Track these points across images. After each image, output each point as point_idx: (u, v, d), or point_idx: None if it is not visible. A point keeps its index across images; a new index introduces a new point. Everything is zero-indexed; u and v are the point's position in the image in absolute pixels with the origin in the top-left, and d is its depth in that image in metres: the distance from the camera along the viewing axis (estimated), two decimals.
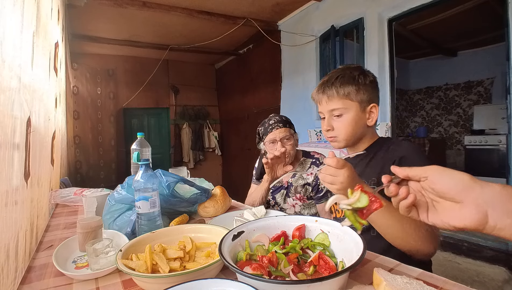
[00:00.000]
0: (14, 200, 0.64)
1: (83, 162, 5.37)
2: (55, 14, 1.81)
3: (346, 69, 0.95)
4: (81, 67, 5.28)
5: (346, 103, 0.91)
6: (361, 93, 0.91)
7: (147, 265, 0.61)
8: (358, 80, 0.91)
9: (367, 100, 0.92)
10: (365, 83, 0.92)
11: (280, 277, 0.54)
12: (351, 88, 0.90)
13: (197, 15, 3.82)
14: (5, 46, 0.58)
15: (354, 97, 0.91)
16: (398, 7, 2.87)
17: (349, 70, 0.94)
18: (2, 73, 0.56)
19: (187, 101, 6.43)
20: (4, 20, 0.59)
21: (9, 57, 0.61)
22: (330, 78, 0.94)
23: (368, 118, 0.94)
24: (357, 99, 0.91)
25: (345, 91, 0.91)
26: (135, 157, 1.16)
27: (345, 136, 0.93)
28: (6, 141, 0.57)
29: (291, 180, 1.45)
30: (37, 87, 1.00)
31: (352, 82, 0.91)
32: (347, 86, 0.91)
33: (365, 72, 0.94)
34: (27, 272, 0.71)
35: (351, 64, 0.99)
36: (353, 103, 0.91)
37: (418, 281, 0.50)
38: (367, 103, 0.92)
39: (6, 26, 0.60)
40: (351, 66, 0.97)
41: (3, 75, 0.56)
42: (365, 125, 0.94)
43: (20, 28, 0.73)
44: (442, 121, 5.77)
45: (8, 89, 0.60)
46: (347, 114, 0.92)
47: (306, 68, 3.92)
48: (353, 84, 0.90)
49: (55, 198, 1.44)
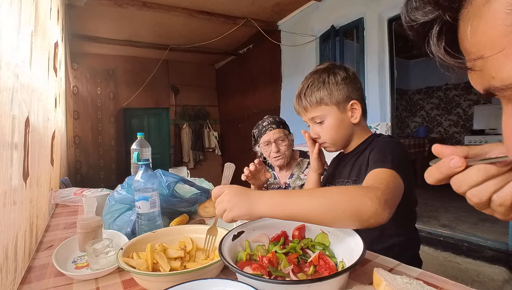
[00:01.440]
0: (13, 200, 0.64)
1: (83, 162, 5.37)
2: (55, 14, 1.81)
3: (315, 74, 0.92)
4: (81, 67, 5.28)
5: (323, 109, 0.89)
6: (335, 94, 0.87)
7: (148, 263, 0.61)
8: (329, 81, 0.88)
9: (344, 99, 0.88)
10: (337, 82, 0.88)
11: (280, 277, 0.54)
12: (323, 92, 0.88)
13: (197, 15, 3.82)
14: (2, 46, 0.58)
15: (329, 101, 0.88)
16: (398, 7, 2.85)
17: (318, 74, 0.91)
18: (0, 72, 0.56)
19: (187, 101, 6.43)
20: (0, 19, 0.59)
21: (6, 57, 0.61)
22: (302, 88, 0.92)
23: (351, 116, 0.90)
24: (333, 102, 0.88)
25: (317, 98, 0.88)
26: (135, 157, 1.16)
27: (332, 141, 0.91)
28: (4, 140, 0.57)
29: (289, 181, 1.44)
30: (35, 87, 1.00)
31: (323, 86, 0.88)
32: (318, 92, 0.88)
33: (335, 71, 0.90)
34: (27, 272, 0.71)
35: (320, 65, 0.95)
36: (329, 107, 0.88)
37: (418, 281, 0.50)
38: (345, 102, 0.88)
39: (2, 25, 0.60)
40: (320, 69, 0.93)
41: (0, 75, 0.56)
42: (351, 124, 0.91)
43: (17, 27, 0.73)
44: (442, 121, 5.77)
45: (6, 89, 0.60)
46: (327, 119, 0.90)
47: (306, 68, 3.92)
48: (323, 88, 0.88)
49: (55, 198, 1.44)
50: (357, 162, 0.90)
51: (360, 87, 0.92)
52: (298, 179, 1.43)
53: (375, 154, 0.80)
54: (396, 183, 0.67)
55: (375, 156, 0.79)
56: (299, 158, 1.47)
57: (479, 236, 2.38)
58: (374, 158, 0.78)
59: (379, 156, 0.77)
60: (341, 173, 0.97)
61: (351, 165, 0.92)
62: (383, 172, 0.70)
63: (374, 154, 0.81)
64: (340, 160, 1.02)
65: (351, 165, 0.92)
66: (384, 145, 0.83)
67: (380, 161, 0.74)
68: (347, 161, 0.95)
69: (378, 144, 0.85)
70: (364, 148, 0.90)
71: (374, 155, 0.80)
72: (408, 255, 0.89)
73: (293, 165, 1.45)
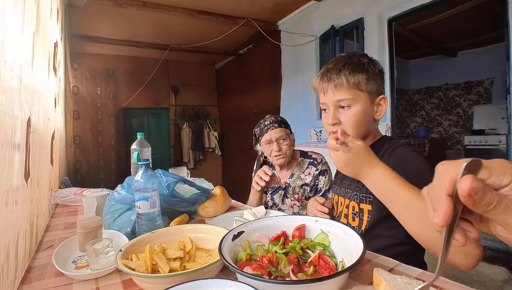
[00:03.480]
0: (15, 200, 0.64)
1: (83, 162, 5.37)
2: (54, 14, 1.80)
3: (353, 56, 0.84)
4: (81, 67, 5.28)
5: (356, 94, 0.81)
6: (371, 83, 0.81)
7: (147, 265, 0.61)
8: (368, 68, 0.82)
9: (377, 91, 0.83)
10: (375, 72, 0.82)
11: (280, 277, 0.54)
12: (361, 76, 0.80)
13: (197, 15, 3.82)
14: (6, 46, 0.58)
15: (364, 87, 0.81)
16: (398, 7, 2.87)
17: (356, 57, 0.84)
18: (4, 73, 0.56)
19: (187, 101, 6.43)
20: (6, 20, 0.59)
21: (11, 57, 0.61)
22: (336, 64, 0.83)
23: (376, 111, 0.85)
24: (367, 90, 0.81)
25: (355, 79, 0.80)
26: (135, 157, 1.16)
27: (353, 130, 0.82)
28: (7, 141, 0.57)
29: (289, 180, 1.44)
30: (36, 87, 1.00)
31: (362, 69, 0.81)
32: (357, 74, 0.80)
33: (374, 61, 0.86)
34: (27, 272, 0.71)
35: (356, 52, 0.90)
36: (363, 93, 0.81)
37: (418, 281, 0.50)
38: (376, 95, 0.83)
39: (8, 26, 0.60)
40: (357, 53, 0.87)
41: (4, 75, 0.56)
42: (373, 119, 0.86)
43: (21, 28, 0.73)
44: (442, 121, 5.77)
45: (10, 89, 0.60)
46: (356, 105, 0.81)
47: (306, 68, 3.93)
48: (363, 72, 0.81)
49: (55, 198, 1.44)
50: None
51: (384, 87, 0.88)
52: (298, 179, 1.43)
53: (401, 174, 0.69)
54: None
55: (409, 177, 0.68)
56: (299, 158, 1.47)
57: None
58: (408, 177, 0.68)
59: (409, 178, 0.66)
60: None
61: None
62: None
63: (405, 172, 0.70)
64: None
65: None
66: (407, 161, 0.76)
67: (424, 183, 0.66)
68: None
69: (401, 157, 0.77)
70: (376, 150, 0.82)
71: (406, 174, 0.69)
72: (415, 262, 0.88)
73: (294, 165, 1.45)
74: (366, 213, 0.82)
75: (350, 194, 0.88)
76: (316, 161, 1.43)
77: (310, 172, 1.41)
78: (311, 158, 1.45)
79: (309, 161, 1.44)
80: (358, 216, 0.85)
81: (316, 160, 1.43)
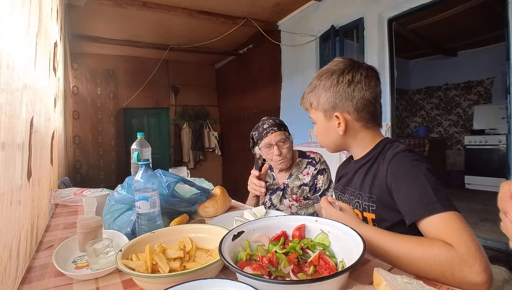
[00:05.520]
0: (18, 200, 0.64)
1: (83, 162, 5.37)
2: (54, 14, 1.80)
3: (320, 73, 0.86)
4: (81, 67, 5.28)
5: (313, 113, 0.89)
6: (322, 101, 0.84)
7: (147, 265, 0.61)
8: (319, 85, 0.84)
9: (329, 107, 0.82)
10: (326, 88, 0.82)
11: (280, 277, 0.54)
12: (312, 97, 0.87)
13: (197, 15, 3.82)
14: (14, 47, 0.58)
15: (316, 106, 0.86)
16: (398, 7, 2.87)
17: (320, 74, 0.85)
18: (12, 74, 0.56)
19: (187, 101, 6.43)
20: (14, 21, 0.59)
21: (18, 58, 0.61)
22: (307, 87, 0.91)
23: (338, 126, 0.83)
24: (319, 109, 0.85)
25: (308, 101, 0.89)
26: (135, 157, 1.16)
27: (323, 144, 0.92)
28: (13, 141, 0.57)
29: (287, 181, 1.44)
30: (38, 88, 1.00)
31: (314, 90, 0.86)
32: (308, 95, 0.88)
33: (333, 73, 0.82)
34: (27, 272, 0.71)
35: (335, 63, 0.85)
36: (317, 112, 0.87)
37: (418, 281, 0.50)
38: (331, 111, 0.83)
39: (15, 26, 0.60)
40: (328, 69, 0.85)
41: (12, 76, 0.56)
42: (338, 134, 0.84)
43: (26, 28, 0.73)
44: (442, 121, 5.77)
45: (16, 90, 0.60)
46: (317, 124, 0.90)
47: (306, 68, 3.92)
48: (313, 93, 0.86)
49: (55, 198, 1.44)
50: (368, 174, 0.82)
51: (359, 95, 0.79)
52: (296, 179, 1.42)
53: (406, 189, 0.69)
54: (466, 225, 0.60)
55: (407, 192, 0.68)
56: (298, 158, 1.47)
57: (479, 236, 2.38)
58: (407, 194, 0.68)
59: (419, 195, 0.66)
60: (351, 180, 0.90)
61: (362, 175, 0.84)
62: (445, 223, 0.61)
63: (403, 186, 0.69)
64: (350, 164, 0.95)
65: (362, 176, 0.84)
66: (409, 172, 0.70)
67: (425, 203, 0.64)
68: (357, 169, 0.88)
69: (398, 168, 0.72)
70: (374, 157, 0.82)
71: (404, 189, 0.69)
72: None
73: (292, 165, 1.45)
74: (370, 222, 0.81)
75: (353, 202, 0.87)
76: (314, 160, 1.42)
77: (309, 172, 1.41)
78: (309, 158, 1.44)
79: (308, 161, 1.43)
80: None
81: (314, 159, 1.43)
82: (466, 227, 0.60)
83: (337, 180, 1.04)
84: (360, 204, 0.84)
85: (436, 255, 0.57)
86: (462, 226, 0.60)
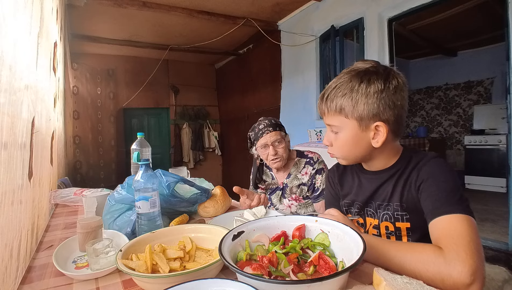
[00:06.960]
0: (19, 199, 0.64)
1: (83, 162, 5.37)
2: (54, 14, 1.81)
3: (348, 74, 0.75)
4: (81, 67, 5.28)
5: (341, 120, 0.74)
6: (360, 107, 0.71)
7: (147, 265, 0.61)
8: (358, 90, 0.71)
9: (369, 116, 0.71)
10: (368, 93, 0.70)
11: (280, 277, 0.54)
12: (346, 101, 0.72)
13: (197, 15, 3.82)
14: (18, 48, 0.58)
15: (350, 114, 0.72)
16: (398, 7, 2.87)
17: (350, 76, 0.74)
18: (14, 75, 0.56)
19: (187, 101, 6.43)
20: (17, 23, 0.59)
21: (19, 59, 0.62)
22: (329, 86, 0.77)
23: (373, 137, 0.73)
24: (354, 116, 0.72)
25: (337, 105, 0.73)
26: (135, 157, 1.16)
27: (341, 156, 0.80)
28: (15, 141, 0.58)
29: (286, 181, 1.44)
30: (40, 88, 1.00)
31: (349, 93, 0.72)
32: (341, 98, 0.73)
33: (371, 78, 0.71)
34: (27, 272, 0.71)
35: (361, 63, 0.77)
36: (349, 121, 0.73)
37: (418, 281, 0.50)
38: (369, 120, 0.72)
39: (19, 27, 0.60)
40: (356, 69, 0.75)
41: (15, 77, 0.56)
42: (371, 146, 0.74)
43: (29, 29, 0.74)
44: (442, 121, 5.77)
45: (19, 90, 0.60)
46: (342, 132, 0.76)
47: (306, 68, 3.93)
48: (348, 97, 0.72)
49: (55, 198, 1.44)
50: (398, 184, 0.77)
51: (400, 104, 0.72)
52: (295, 179, 1.43)
53: (434, 190, 0.68)
54: (476, 234, 0.59)
55: (434, 193, 0.67)
56: (296, 158, 1.47)
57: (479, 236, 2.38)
58: (434, 194, 0.67)
59: (442, 195, 0.66)
60: (376, 193, 0.82)
61: (392, 186, 0.78)
62: (456, 222, 0.61)
63: (432, 188, 0.68)
64: (363, 175, 0.87)
65: (391, 186, 0.78)
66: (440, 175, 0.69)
67: (445, 203, 0.64)
68: (384, 180, 0.80)
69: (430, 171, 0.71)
70: (402, 167, 0.77)
71: (432, 190, 0.68)
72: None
73: (291, 165, 1.45)
74: (404, 232, 0.78)
75: (381, 214, 0.82)
76: (313, 160, 1.43)
77: (307, 171, 1.41)
78: (308, 158, 1.44)
79: (306, 161, 1.44)
80: (394, 235, 0.80)
81: (313, 159, 1.43)
82: (471, 231, 0.59)
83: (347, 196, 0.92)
84: (390, 215, 0.79)
85: (425, 260, 0.57)
86: (466, 230, 0.59)
